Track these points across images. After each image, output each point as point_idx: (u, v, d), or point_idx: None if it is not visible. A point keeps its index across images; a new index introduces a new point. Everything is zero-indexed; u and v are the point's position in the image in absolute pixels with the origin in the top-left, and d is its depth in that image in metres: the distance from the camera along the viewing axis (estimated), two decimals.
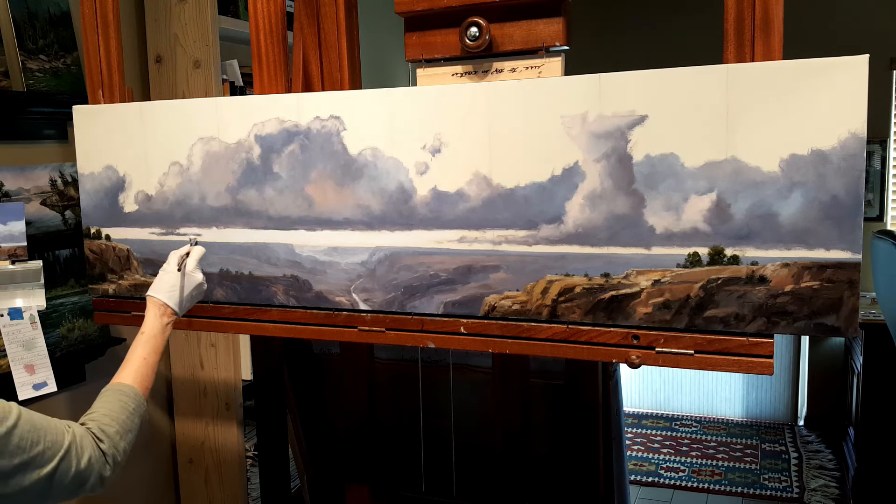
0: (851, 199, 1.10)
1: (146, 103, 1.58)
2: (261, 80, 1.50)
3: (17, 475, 0.95)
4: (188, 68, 2.19)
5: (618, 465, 1.74)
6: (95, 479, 1.06)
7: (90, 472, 1.05)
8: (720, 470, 3.68)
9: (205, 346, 2.31)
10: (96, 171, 1.62)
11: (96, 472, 1.06)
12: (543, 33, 1.30)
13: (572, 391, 1.65)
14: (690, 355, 1.21)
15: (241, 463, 2.36)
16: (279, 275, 1.48)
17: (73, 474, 1.02)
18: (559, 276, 1.27)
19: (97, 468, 1.06)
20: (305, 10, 1.50)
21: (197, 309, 1.56)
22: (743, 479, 3.58)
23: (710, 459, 3.80)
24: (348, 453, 1.90)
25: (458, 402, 1.79)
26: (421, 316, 1.38)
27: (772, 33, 1.14)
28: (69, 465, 1.02)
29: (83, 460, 1.04)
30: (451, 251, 1.34)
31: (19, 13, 1.88)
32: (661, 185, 1.19)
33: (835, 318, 1.12)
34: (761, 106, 1.13)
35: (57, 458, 1.00)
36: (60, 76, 1.96)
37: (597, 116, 1.22)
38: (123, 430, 1.15)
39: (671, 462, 3.79)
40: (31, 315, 1.62)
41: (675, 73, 1.17)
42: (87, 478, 1.05)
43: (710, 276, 1.18)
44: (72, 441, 1.03)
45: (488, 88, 1.29)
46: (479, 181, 1.30)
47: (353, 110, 1.39)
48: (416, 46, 1.40)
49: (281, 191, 1.45)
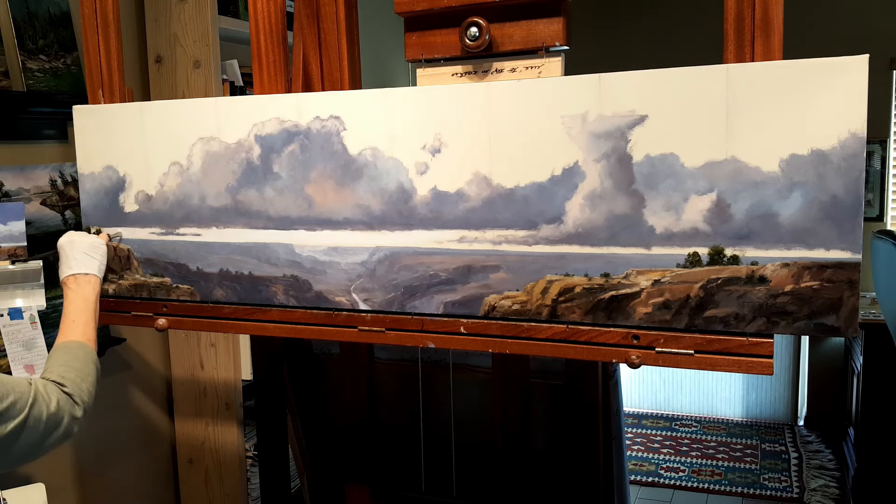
0: (851, 199, 1.10)
1: (146, 103, 1.58)
2: (261, 80, 1.50)
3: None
4: (188, 68, 2.19)
5: (618, 465, 1.74)
6: (68, 419, 1.15)
7: (61, 413, 1.13)
8: (720, 470, 3.69)
9: (205, 346, 2.31)
10: (96, 171, 1.62)
11: (67, 413, 1.15)
12: (543, 33, 1.30)
13: (572, 391, 1.65)
14: (690, 355, 1.21)
15: (241, 463, 2.36)
16: (279, 275, 1.48)
17: (46, 417, 1.10)
18: (559, 276, 1.27)
19: (67, 409, 1.15)
20: (305, 10, 1.50)
21: (197, 309, 1.56)
22: (743, 479, 3.58)
23: (710, 459, 3.80)
24: (348, 453, 1.90)
25: (458, 402, 1.79)
26: (421, 316, 1.38)
27: (772, 33, 1.14)
28: (40, 410, 1.09)
29: (52, 404, 1.12)
30: (451, 251, 1.34)
31: (19, 13, 1.88)
32: (661, 185, 1.19)
33: (835, 318, 1.12)
34: (761, 106, 1.13)
35: (27, 406, 1.07)
36: (60, 76, 1.96)
37: (597, 116, 1.22)
38: (81, 374, 1.24)
39: (671, 462, 3.79)
40: (31, 315, 1.62)
41: (675, 73, 1.17)
42: (61, 419, 1.13)
43: (710, 276, 1.18)
44: (37, 389, 1.11)
45: (488, 88, 1.29)
46: (479, 181, 1.30)
47: (353, 110, 1.39)
48: (416, 46, 1.40)
49: (281, 191, 1.45)
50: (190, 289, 1.56)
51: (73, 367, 1.24)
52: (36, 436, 1.09)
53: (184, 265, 1.55)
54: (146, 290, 1.60)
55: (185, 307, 1.57)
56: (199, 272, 1.55)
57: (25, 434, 1.06)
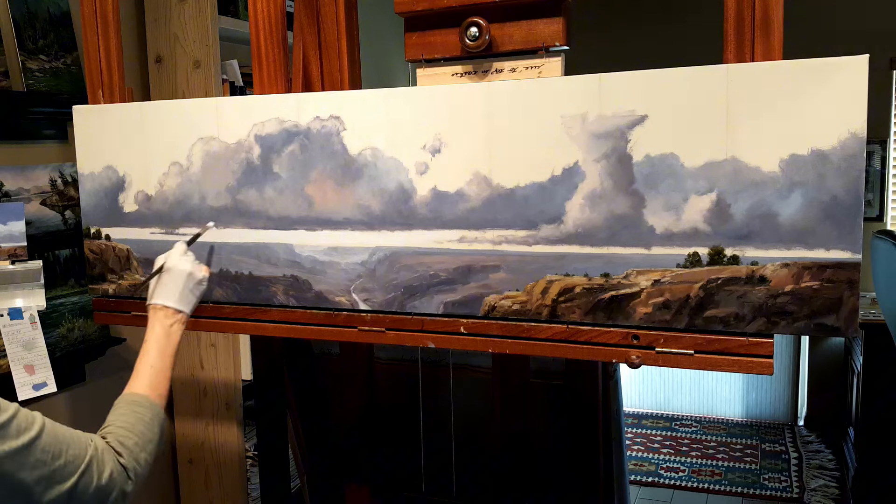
0: (851, 199, 1.10)
1: (146, 103, 1.58)
2: (261, 80, 1.50)
3: (36, 489, 0.92)
4: (188, 68, 2.19)
5: (618, 465, 1.74)
6: (117, 494, 1.03)
7: (112, 487, 1.02)
8: (720, 470, 3.68)
9: (205, 346, 2.31)
10: (96, 171, 1.62)
11: (118, 488, 1.03)
12: (543, 33, 1.30)
13: (572, 391, 1.65)
14: (690, 355, 1.21)
15: (241, 463, 2.36)
16: (279, 275, 1.48)
17: (94, 490, 0.99)
18: (559, 276, 1.27)
19: (119, 483, 1.03)
20: (305, 10, 1.50)
21: (197, 309, 1.56)
22: (743, 479, 3.58)
23: (710, 459, 3.80)
24: (348, 453, 1.90)
25: (458, 402, 1.79)
26: (421, 316, 1.38)
27: (772, 33, 1.14)
28: (90, 480, 0.99)
29: (104, 475, 1.01)
30: (451, 251, 1.34)
31: (19, 13, 1.88)
32: (661, 185, 1.19)
33: (835, 318, 1.12)
34: (761, 106, 1.13)
35: (77, 473, 0.97)
36: (60, 76, 1.96)
37: (597, 116, 1.22)
38: (143, 441, 1.11)
39: (671, 462, 3.79)
40: (31, 315, 1.62)
41: (675, 73, 1.17)
42: (109, 493, 1.02)
43: (710, 276, 1.18)
44: (93, 455, 1.00)
45: (488, 88, 1.29)
46: (479, 181, 1.30)
47: (353, 110, 1.39)
48: (416, 46, 1.40)
49: (281, 191, 1.45)
50: None
51: (134, 431, 1.11)
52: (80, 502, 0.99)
53: None
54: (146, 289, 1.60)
55: None
56: None
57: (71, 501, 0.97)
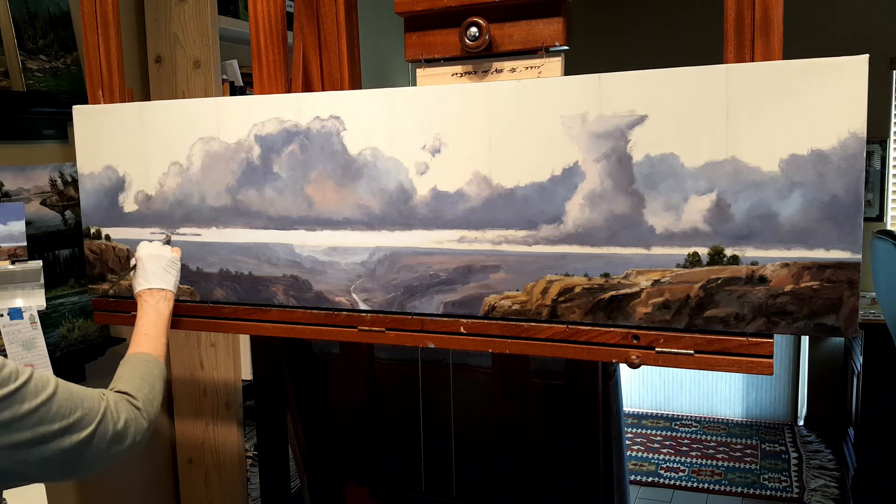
0: (851, 199, 1.10)
1: (146, 103, 1.58)
2: (261, 80, 1.50)
3: (57, 439, 1.01)
4: (188, 68, 2.19)
5: (618, 465, 1.74)
6: (132, 437, 1.13)
7: (127, 431, 1.12)
8: (720, 470, 3.69)
9: (205, 346, 2.31)
10: (96, 171, 1.62)
11: (132, 431, 1.13)
12: (543, 33, 1.30)
13: (572, 391, 1.65)
14: (690, 355, 1.21)
15: (241, 463, 2.36)
16: (279, 275, 1.48)
17: (112, 435, 1.09)
18: (559, 276, 1.27)
19: (134, 427, 1.14)
20: (305, 10, 1.50)
21: (197, 309, 1.56)
22: (743, 479, 3.58)
23: (710, 459, 3.80)
24: (348, 453, 1.90)
25: (458, 402, 1.79)
26: (421, 316, 1.38)
27: (772, 33, 1.14)
28: (106, 427, 1.08)
29: (120, 422, 1.10)
30: (451, 251, 1.34)
31: (19, 13, 1.88)
32: (661, 185, 1.19)
33: (835, 318, 1.12)
34: (761, 106, 1.13)
35: (95, 422, 1.06)
36: (60, 76, 1.96)
37: (597, 116, 1.22)
38: (154, 391, 1.24)
39: (671, 462, 3.79)
40: (31, 315, 1.62)
41: (675, 73, 1.17)
42: (125, 437, 1.11)
43: (710, 276, 1.18)
44: (107, 406, 1.09)
45: (488, 88, 1.29)
46: (479, 181, 1.30)
47: (353, 110, 1.39)
48: (415, 46, 1.40)
49: (281, 191, 1.45)
50: (190, 289, 1.56)
51: (147, 382, 1.24)
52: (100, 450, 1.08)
53: (183, 265, 1.55)
54: None
55: (184, 307, 1.57)
56: (199, 272, 1.55)
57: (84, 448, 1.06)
